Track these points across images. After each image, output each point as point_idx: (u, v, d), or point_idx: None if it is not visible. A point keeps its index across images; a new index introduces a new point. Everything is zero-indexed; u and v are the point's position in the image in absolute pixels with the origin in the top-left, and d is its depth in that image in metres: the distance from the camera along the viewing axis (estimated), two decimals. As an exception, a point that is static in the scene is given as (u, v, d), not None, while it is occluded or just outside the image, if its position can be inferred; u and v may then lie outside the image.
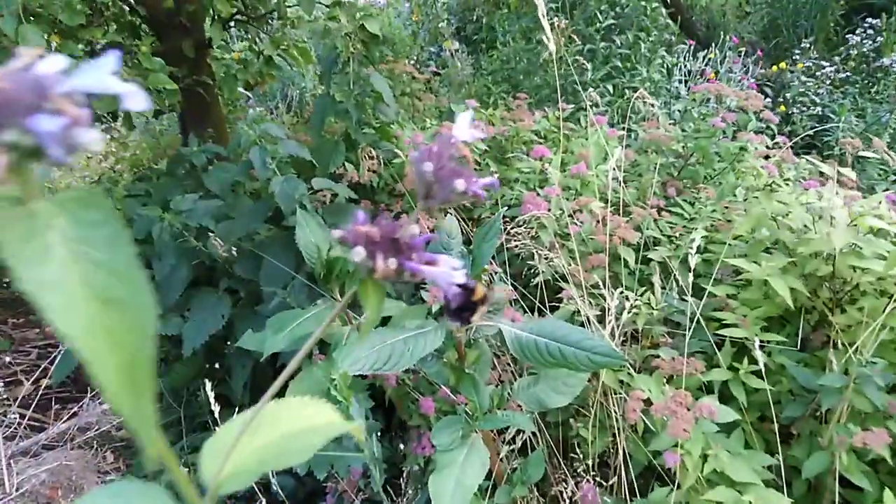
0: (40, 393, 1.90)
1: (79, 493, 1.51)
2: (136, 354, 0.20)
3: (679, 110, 2.09)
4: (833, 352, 1.09)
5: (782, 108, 3.57)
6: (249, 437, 0.34)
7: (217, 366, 1.94)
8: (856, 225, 1.07)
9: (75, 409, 1.75)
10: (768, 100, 3.97)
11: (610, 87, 2.73)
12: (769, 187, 1.18)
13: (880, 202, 1.08)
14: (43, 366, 2.00)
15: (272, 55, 2.36)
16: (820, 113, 3.53)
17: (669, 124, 1.93)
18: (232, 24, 2.57)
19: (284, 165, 1.73)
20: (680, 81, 3.05)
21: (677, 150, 1.76)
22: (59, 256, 0.19)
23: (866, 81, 3.78)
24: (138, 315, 0.20)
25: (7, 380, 1.98)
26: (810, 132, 3.47)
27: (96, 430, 1.71)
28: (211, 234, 1.59)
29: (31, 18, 1.52)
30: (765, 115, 1.67)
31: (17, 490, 1.41)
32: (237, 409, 1.92)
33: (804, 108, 3.53)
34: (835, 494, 1.03)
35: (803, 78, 3.53)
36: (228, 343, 1.79)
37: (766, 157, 1.63)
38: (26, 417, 1.77)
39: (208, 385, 1.21)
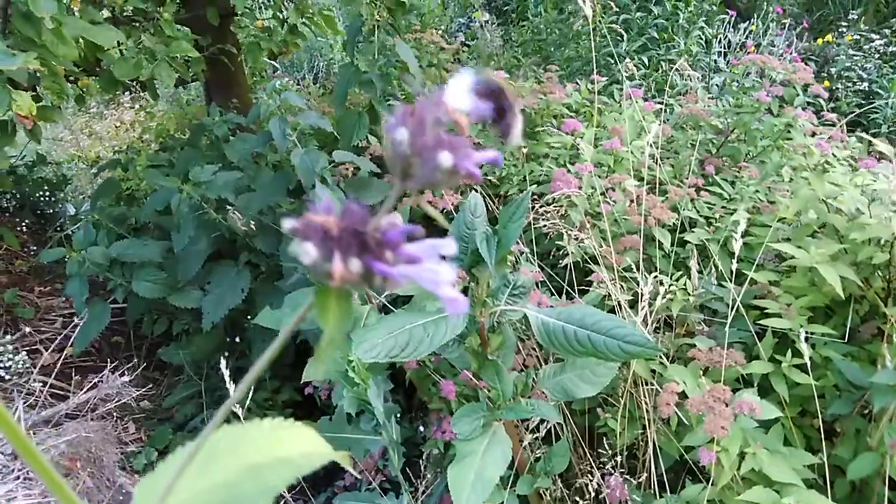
0: (63, 361, 1.90)
1: (98, 464, 1.51)
2: None
3: (718, 84, 1.98)
4: (887, 346, 1.01)
5: (826, 83, 3.40)
6: (197, 473, 0.28)
7: (238, 339, 1.92)
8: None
9: (96, 379, 1.75)
10: (811, 68, 3.80)
11: (645, 59, 2.61)
12: (821, 167, 1.09)
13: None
14: (65, 333, 1.99)
15: (296, 23, 2.30)
16: (867, 88, 3.36)
17: (708, 98, 1.83)
18: (256, -10, 2.51)
19: (306, 137, 1.67)
20: (719, 54, 2.92)
21: (717, 125, 1.67)
22: None
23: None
24: None
25: (31, 348, 1.98)
26: (856, 109, 3.31)
27: (116, 401, 1.70)
28: (230, 206, 1.55)
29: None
30: (813, 89, 1.56)
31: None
32: (257, 384, 1.91)
33: (850, 84, 3.36)
34: (883, 498, 0.96)
35: (850, 52, 3.35)
36: (249, 317, 1.76)
37: (813, 135, 1.54)
38: (48, 385, 1.77)
39: (223, 363, 1.18)
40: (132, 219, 1.93)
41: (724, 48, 2.91)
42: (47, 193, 2.70)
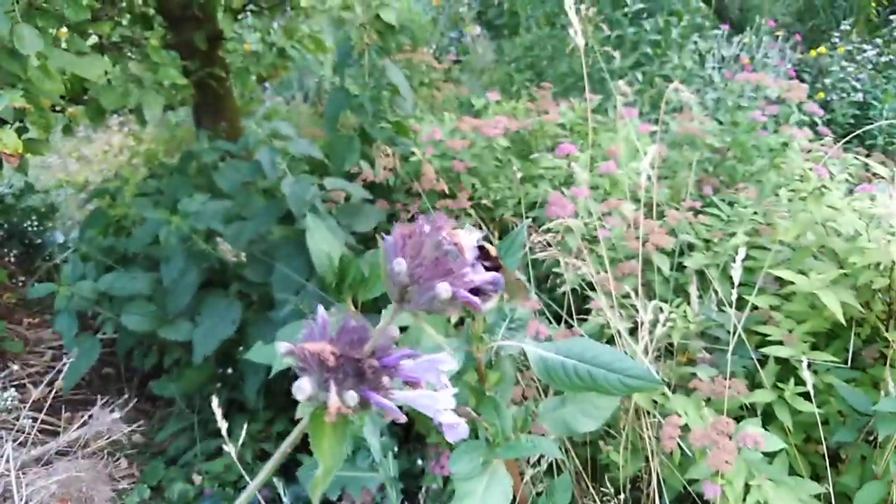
0: (54, 395, 1.86)
1: (89, 504, 1.47)
2: None
3: (713, 99, 1.97)
4: (890, 371, 0.99)
5: (821, 94, 3.40)
6: None
7: (230, 371, 1.89)
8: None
9: (87, 415, 1.71)
10: (805, 86, 3.82)
11: (639, 75, 2.61)
12: (818, 191, 1.08)
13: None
14: (56, 367, 1.96)
15: (285, 47, 2.28)
16: (861, 99, 3.36)
17: (704, 115, 1.82)
18: (243, 14, 2.50)
19: (296, 163, 1.65)
20: (714, 68, 2.92)
21: (713, 144, 1.65)
22: None
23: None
24: None
25: (19, 383, 1.95)
26: (851, 120, 3.31)
27: (107, 437, 1.67)
28: (220, 237, 1.52)
29: (36, 12, 1.46)
30: (808, 107, 1.55)
31: (26, 502, 1.37)
32: (251, 416, 1.87)
33: (844, 95, 3.37)
34: (892, 529, 0.94)
35: (843, 63, 3.35)
36: (241, 348, 1.73)
37: (809, 152, 1.52)
38: (38, 421, 1.73)
39: (215, 400, 1.15)
40: (121, 249, 1.91)
41: (719, 62, 2.91)
42: (35, 222, 2.67)
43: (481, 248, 0.25)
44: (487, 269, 0.25)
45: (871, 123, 3.06)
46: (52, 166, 4.13)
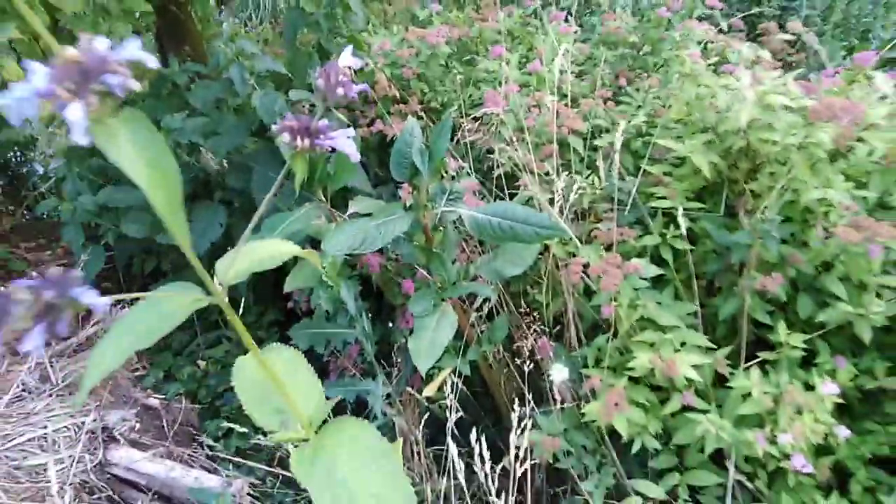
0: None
1: (114, 384, 1.74)
2: (170, 191, 0.38)
3: (629, 3, 2.19)
4: (745, 214, 1.27)
5: (752, -13, 3.60)
6: (244, 256, 0.51)
7: (221, 270, 2.13)
8: (767, 103, 1.22)
9: (97, 318, 1.96)
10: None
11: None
12: (693, 73, 1.32)
13: (785, 83, 1.23)
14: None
15: (240, -31, 2.40)
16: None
17: (625, 14, 2.03)
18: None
19: (262, 80, 1.85)
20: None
21: (630, 40, 1.87)
22: (127, 147, 0.36)
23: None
24: (169, 172, 0.38)
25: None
26: (779, 11, 3.52)
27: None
28: (202, 148, 1.73)
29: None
30: (709, 2, 1.78)
31: (62, 382, 1.64)
32: (244, 309, 2.14)
33: (774, -13, 3.56)
34: (748, 333, 1.24)
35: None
36: (228, 248, 1.97)
37: (709, 43, 1.76)
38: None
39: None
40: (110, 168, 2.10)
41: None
42: (18, 153, 2.82)
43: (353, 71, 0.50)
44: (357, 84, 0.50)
45: (798, 12, 3.29)
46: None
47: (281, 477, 1.55)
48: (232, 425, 1.61)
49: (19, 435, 1.47)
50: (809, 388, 1.11)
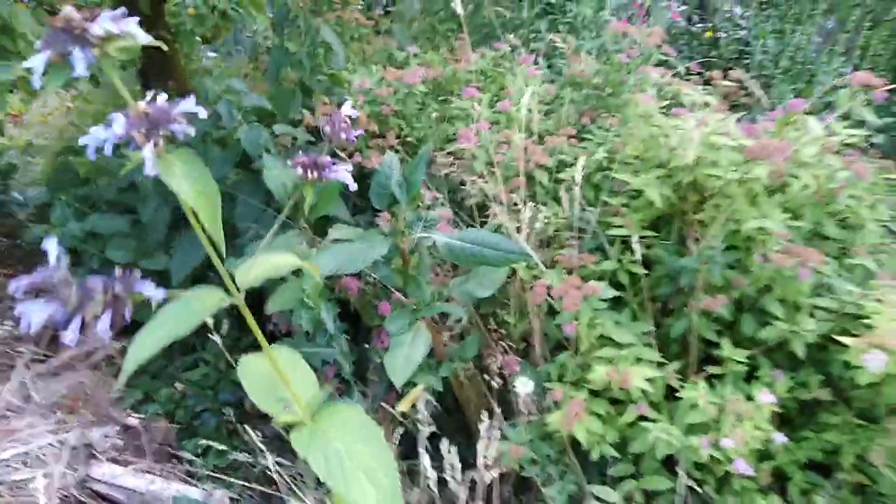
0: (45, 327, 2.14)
1: (95, 403, 1.79)
2: (214, 208, 0.47)
3: (594, 48, 2.35)
4: (694, 242, 1.40)
5: (709, 33, 3.84)
6: (259, 265, 0.61)
7: (202, 295, 2.20)
8: (711, 142, 1.36)
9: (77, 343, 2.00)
10: (699, 26, 4.25)
11: (544, 25, 2.95)
12: (646, 115, 1.46)
13: (728, 125, 1.37)
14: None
15: (226, 9, 2.53)
16: (746, 36, 3.81)
17: (591, 58, 2.18)
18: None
19: (247, 114, 1.95)
20: (612, 14, 3.28)
21: (594, 82, 2.02)
22: (181, 176, 0.46)
23: (789, 3, 4.05)
24: (211, 196, 0.47)
25: (13, 320, 2.22)
26: (735, 55, 3.75)
27: (101, 354, 1.97)
28: (189, 178, 1.82)
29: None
30: (665, 49, 1.93)
31: (43, 401, 1.68)
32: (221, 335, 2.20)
33: (729, 33, 3.80)
34: (698, 351, 1.36)
35: (729, 5, 3.78)
36: (211, 274, 2.04)
37: (666, 86, 1.91)
38: (39, 344, 2.02)
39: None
40: (95, 197, 2.17)
41: (613, 9, 3.28)
42: None
43: (351, 119, 0.60)
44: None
45: (751, 57, 3.51)
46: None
47: (259, 492, 1.60)
48: (210, 443, 1.67)
49: (2, 451, 1.51)
50: (751, 399, 1.22)
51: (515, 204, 1.58)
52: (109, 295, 0.47)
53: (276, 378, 0.63)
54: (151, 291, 0.49)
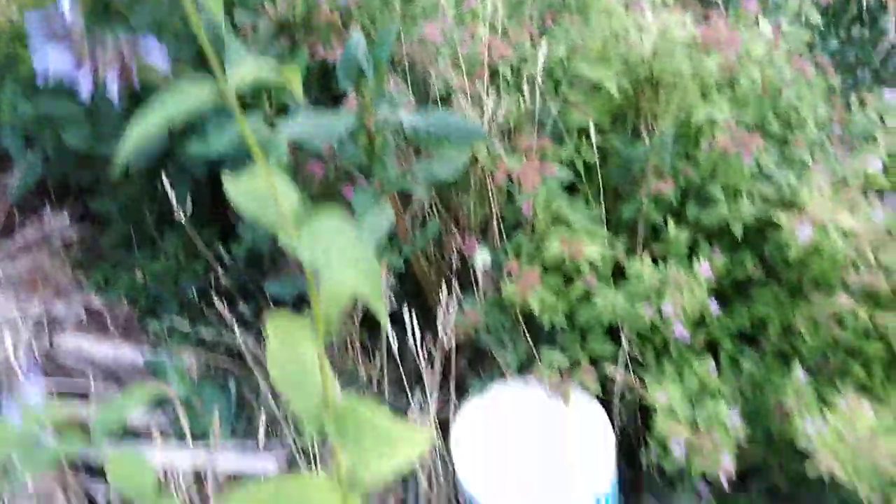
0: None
1: (55, 284, 1.80)
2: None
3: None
4: (647, 133, 1.47)
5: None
6: (248, 67, 0.64)
7: (158, 188, 2.18)
8: (668, 36, 1.42)
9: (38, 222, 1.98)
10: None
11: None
12: (607, 11, 1.50)
13: (685, 20, 1.43)
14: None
15: None
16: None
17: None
18: None
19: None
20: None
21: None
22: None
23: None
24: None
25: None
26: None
27: (59, 239, 1.96)
28: (148, 60, 1.78)
29: None
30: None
31: (3, 281, 1.68)
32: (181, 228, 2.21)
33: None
34: (646, 235, 1.45)
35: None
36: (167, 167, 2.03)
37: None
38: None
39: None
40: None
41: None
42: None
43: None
44: None
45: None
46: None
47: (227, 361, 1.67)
48: (174, 323, 1.71)
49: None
50: (692, 273, 1.32)
51: (479, 96, 1.61)
52: (118, 51, 0.50)
53: (266, 196, 0.67)
54: (158, 60, 0.51)
